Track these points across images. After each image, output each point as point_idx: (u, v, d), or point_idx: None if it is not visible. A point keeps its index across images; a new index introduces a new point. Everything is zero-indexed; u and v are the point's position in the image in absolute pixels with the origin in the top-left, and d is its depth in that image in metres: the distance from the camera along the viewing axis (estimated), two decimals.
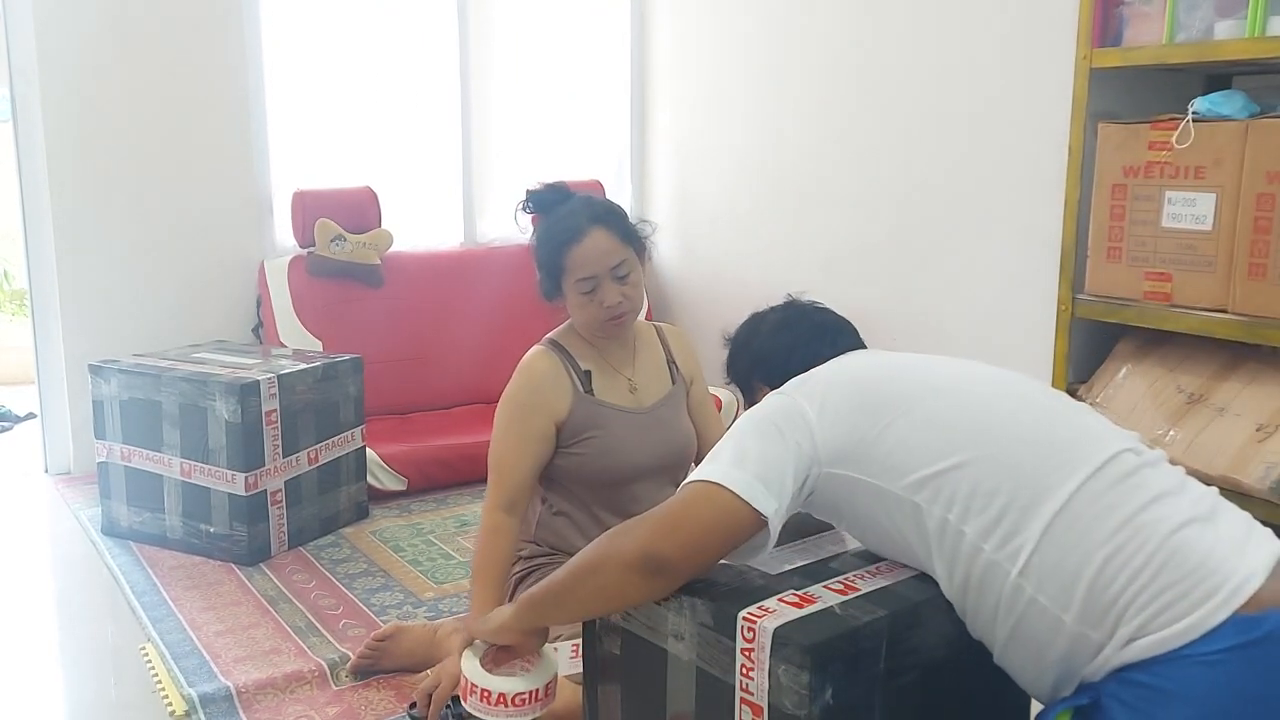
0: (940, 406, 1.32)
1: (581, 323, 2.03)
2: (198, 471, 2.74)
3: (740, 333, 1.69)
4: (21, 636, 2.41)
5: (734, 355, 1.68)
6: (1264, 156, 2.03)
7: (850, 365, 1.45)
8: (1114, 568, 1.16)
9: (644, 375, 2.12)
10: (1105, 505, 1.19)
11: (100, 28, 3.36)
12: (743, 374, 1.65)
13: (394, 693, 2.07)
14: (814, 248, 3.61)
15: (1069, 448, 1.25)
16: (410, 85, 3.95)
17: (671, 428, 2.10)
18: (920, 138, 3.20)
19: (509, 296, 3.88)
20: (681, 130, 4.19)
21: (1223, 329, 2.11)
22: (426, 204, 4.03)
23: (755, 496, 1.27)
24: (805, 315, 1.65)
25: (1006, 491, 1.22)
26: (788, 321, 1.65)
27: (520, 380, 2.04)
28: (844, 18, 3.42)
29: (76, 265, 3.42)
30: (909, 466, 1.28)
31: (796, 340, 1.60)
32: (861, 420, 1.33)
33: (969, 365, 1.44)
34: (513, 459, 2.00)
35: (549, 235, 2.01)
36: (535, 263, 2.04)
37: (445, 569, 2.72)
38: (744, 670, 1.26)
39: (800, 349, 1.58)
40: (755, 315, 1.70)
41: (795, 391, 1.40)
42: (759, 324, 1.67)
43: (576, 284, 1.96)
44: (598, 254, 1.95)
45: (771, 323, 1.65)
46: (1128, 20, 2.29)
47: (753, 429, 1.36)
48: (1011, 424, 1.29)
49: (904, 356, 1.49)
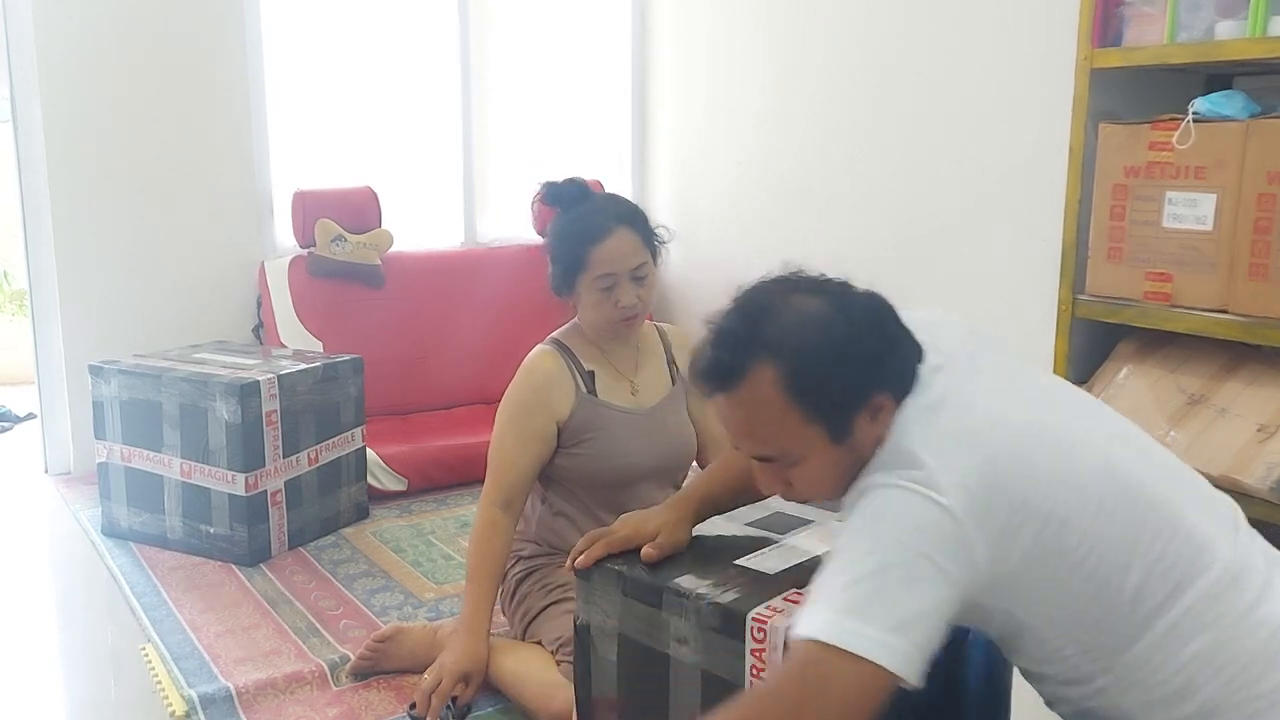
0: (1113, 507, 1.13)
1: (592, 321, 2.03)
2: (198, 472, 2.73)
3: (798, 325, 1.18)
4: (21, 636, 2.40)
5: (808, 361, 1.17)
6: (1265, 157, 2.03)
7: (996, 443, 1.14)
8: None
9: (645, 377, 2.12)
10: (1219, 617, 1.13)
11: (100, 28, 3.36)
12: (821, 388, 1.17)
13: (394, 694, 2.07)
14: (814, 247, 3.60)
15: (1201, 539, 1.16)
16: (410, 85, 3.95)
17: (672, 430, 2.10)
18: (921, 138, 3.20)
19: (509, 297, 3.88)
20: (682, 130, 4.18)
21: (1224, 329, 2.11)
22: (426, 204, 4.03)
23: (912, 668, 1.03)
24: (879, 313, 1.24)
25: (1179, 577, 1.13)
26: (863, 317, 1.21)
27: (523, 379, 2.04)
28: (845, 18, 3.42)
29: (76, 265, 3.41)
30: (1114, 602, 1.13)
31: (876, 352, 1.20)
32: (1042, 549, 1.10)
33: (1091, 411, 1.27)
34: (511, 457, 2.00)
35: (571, 230, 2.00)
36: (550, 256, 2.03)
37: (446, 570, 2.71)
38: (755, 671, 1.26)
39: (895, 359, 1.21)
40: (781, 294, 1.23)
41: (937, 490, 1.08)
42: (825, 316, 1.19)
43: (595, 281, 1.96)
44: (620, 254, 1.96)
45: (846, 319, 1.19)
46: (1128, 20, 2.29)
47: (899, 563, 1.05)
48: (1171, 513, 1.16)
49: (1030, 411, 1.20)
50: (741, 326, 1.20)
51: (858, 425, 1.18)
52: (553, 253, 2.03)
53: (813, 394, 1.16)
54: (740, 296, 1.25)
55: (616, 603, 1.43)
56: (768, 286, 1.25)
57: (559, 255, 2.01)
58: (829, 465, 1.20)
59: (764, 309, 1.21)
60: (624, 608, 1.42)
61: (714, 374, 1.21)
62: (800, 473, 1.22)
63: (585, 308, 2.02)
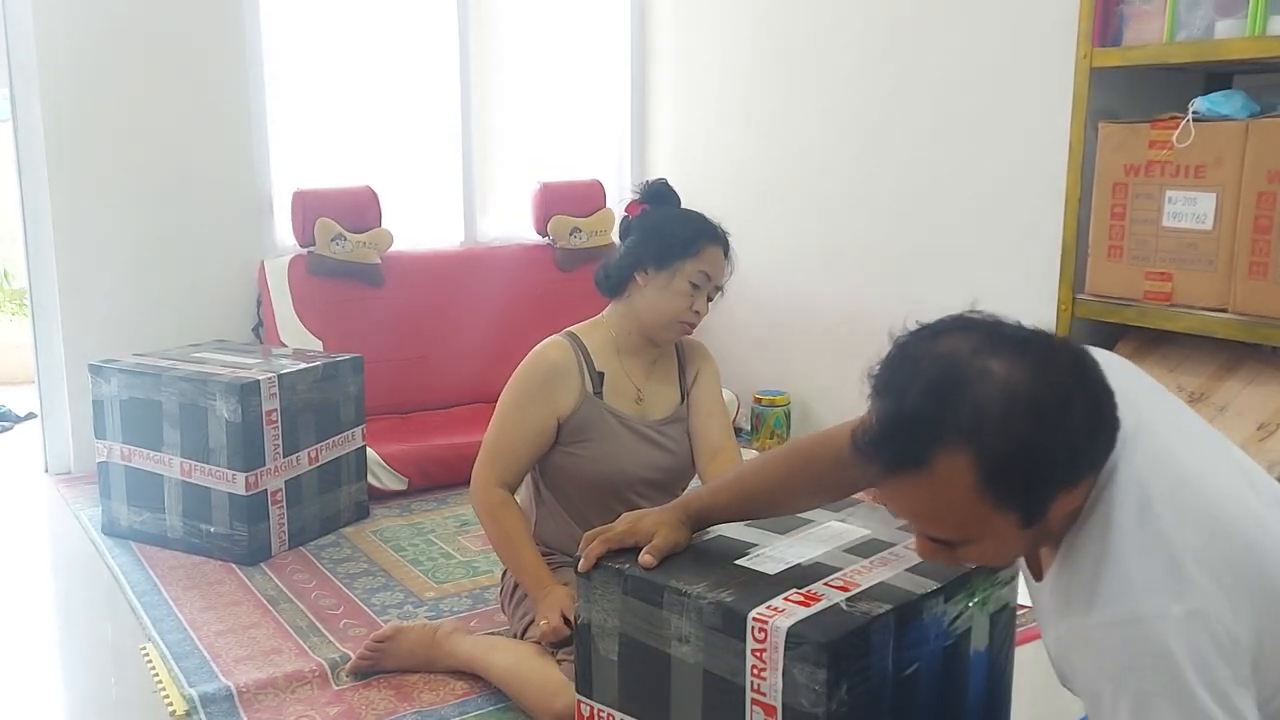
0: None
1: (659, 310, 2.02)
2: (198, 471, 2.74)
3: (1000, 406, 0.99)
4: (21, 636, 2.40)
5: (1010, 451, 1.00)
6: (1264, 156, 2.03)
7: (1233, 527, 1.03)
8: None
9: (654, 388, 2.11)
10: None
11: (100, 28, 3.35)
12: (1023, 479, 1.01)
13: (394, 693, 2.07)
14: (815, 247, 3.61)
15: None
16: (410, 85, 3.94)
17: (672, 446, 2.09)
18: (921, 137, 3.20)
19: (510, 296, 3.88)
20: (682, 129, 4.19)
21: (1223, 328, 2.11)
22: (426, 204, 4.02)
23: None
24: (1086, 380, 1.04)
25: None
26: (1071, 389, 1.03)
27: (530, 367, 2.04)
28: (845, 18, 3.42)
29: (76, 265, 3.41)
30: None
31: (1081, 430, 1.03)
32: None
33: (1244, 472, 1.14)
34: (511, 443, 2.01)
35: (693, 220, 2.05)
36: (654, 234, 2.03)
37: (446, 569, 2.72)
38: (755, 671, 1.26)
39: (1103, 437, 1.06)
40: (976, 361, 1.02)
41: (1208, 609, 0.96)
42: (1030, 393, 1.00)
43: (693, 274, 2.00)
44: (720, 266, 2.04)
45: (1054, 396, 1.01)
46: (1128, 19, 2.29)
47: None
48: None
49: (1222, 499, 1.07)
50: (930, 408, 1.01)
51: (1056, 507, 1.04)
52: (659, 232, 2.03)
53: (1012, 485, 1.01)
54: (923, 355, 1.05)
55: (617, 601, 1.43)
56: (958, 346, 1.04)
57: (669, 235, 2.02)
58: (1011, 544, 1.09)
59: (956, 385, 1.01)
60: (625, 606, 1.42)
61: (893, 459, 1.04)
62: (973, 550, 1.10)
63: (662, 295, 2.01)
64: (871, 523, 1.60)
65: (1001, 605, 1.50)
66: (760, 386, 3.76)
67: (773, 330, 3.77)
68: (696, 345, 2.21)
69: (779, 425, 3.68)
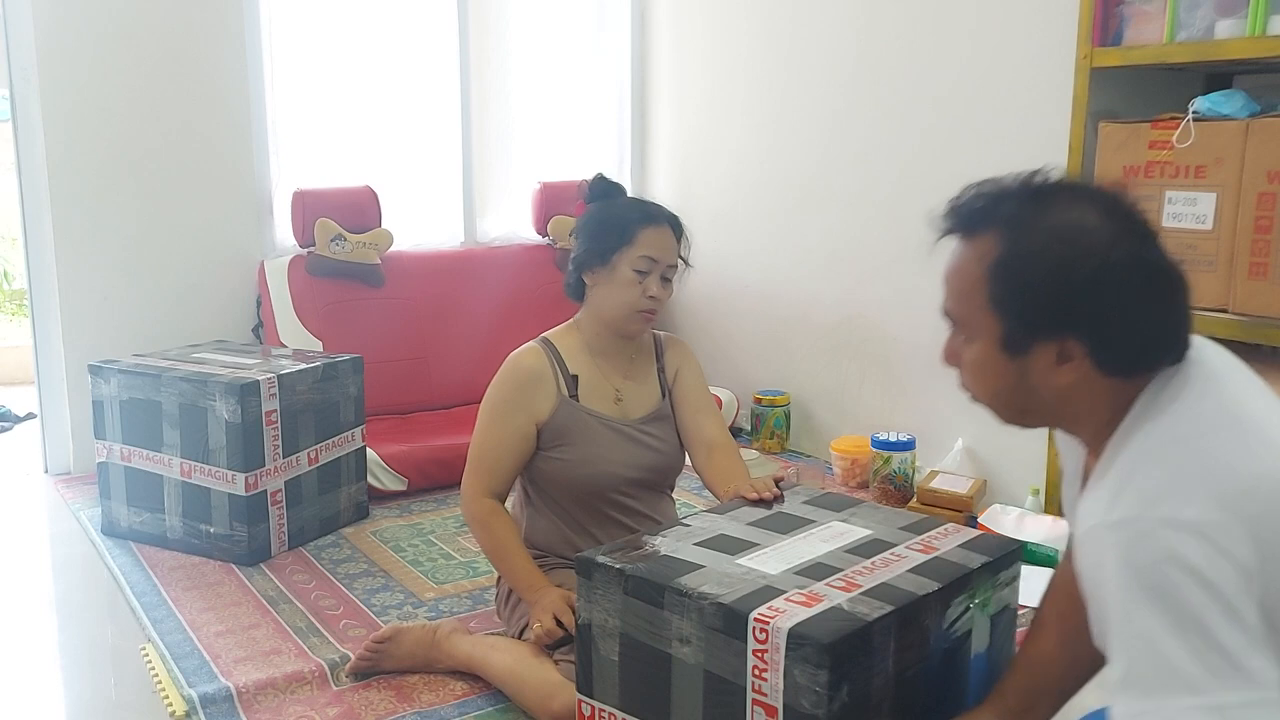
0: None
1: (614, 305, 2.02)
2: (198, 471, 2.73)
3: (1053, 227, 1.08)
4: (21, 636, 2.40)
5: (1026, 262, 1.08)
6: (1265, 156, 2.03)
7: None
8: None
9: (633, 387, 2.11)
10: None
11: (100, 28, 3.35)
12: (1019, 290, 1.09)
13: (394, 693, 2.07)
14: (815, 247, 3.61)
15: None
16: (410, 84, 3.94)
17: (655, 443, 2.09)
18: (921, 137, 3.20)
19: (509, 296, 3.88)
20: (682, 130, 4.19)
21: (1223, 329, 2.11)
22: (426, 204, 4.02)
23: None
24: (1152, 278, 1.10)
25: None
26: (1127, 267, 1.07)
27: (504, 376, 2.05)
28: (844, 17, 3.42)
29: (76, 265, 3.41)
30: None
31: (1161, 317, 1.10)
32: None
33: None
34: (494, 453, 2.03)
35: (627, 208, 2.05)
36: (587, 233, 2.04)
37: (446, 569, 2.71)
38: (756, 671, 1.26)
39: (1163, 333, 1.11)
40: (1080, 200, 1.11)
41: (1212, 545, 0.97)
42: (1085, 239, 1.07)
43: (635, 260, 1.98)
44: (665, 246, 2.02)
45: (1102, 257, 1.06)
46: (1128, 19, 2.29)
47: (1198, 627, 0.95)
48: None
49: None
50: (1015, 195, 1.13)
51: (1036, 354, 1.10)
52: (593, 229, 2.04)
53: (1008, 287, 1.10)
54: (1051, 177, 1.16)
55: (618, 602, 1.43)
56: (1083, 185, 1.17)
57: (603, 229, 2.02)
58: (990, 366, 1.14)
59: (1049, 196, 1.12)
60: (625, 607, 1.42)
61: (958, 216, 1.16)
62: (968, 355, 1.17)
63: (611, 289, 2.01)
64: (873, 523, 1.60)
65: (1002, 607, 1.50)
66: (760, 386, 3.76)
67: (773, 330, 3.77)
68: (675, 342, 2.22)
69: (779, 425, 3.68)
